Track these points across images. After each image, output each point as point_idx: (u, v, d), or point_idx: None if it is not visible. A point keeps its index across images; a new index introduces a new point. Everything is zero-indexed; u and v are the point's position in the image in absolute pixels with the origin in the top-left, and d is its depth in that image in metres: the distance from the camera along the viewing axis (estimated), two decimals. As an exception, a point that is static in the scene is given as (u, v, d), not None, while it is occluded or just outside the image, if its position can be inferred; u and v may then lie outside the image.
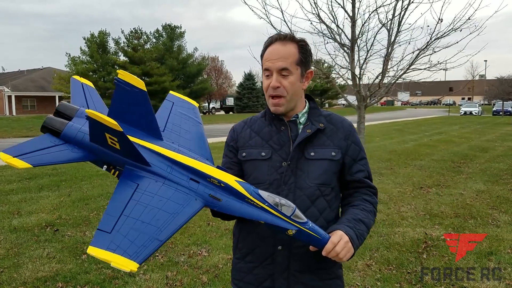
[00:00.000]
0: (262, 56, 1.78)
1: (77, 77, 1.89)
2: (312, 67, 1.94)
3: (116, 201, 1.46)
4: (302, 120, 1.81)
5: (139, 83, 1.60)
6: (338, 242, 1.54)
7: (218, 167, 1.65)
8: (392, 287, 4.13)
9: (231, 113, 59.79)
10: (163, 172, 1.58)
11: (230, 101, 62.51)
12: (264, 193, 1.57)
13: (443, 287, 4.13)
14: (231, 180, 1.58)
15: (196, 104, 2.13)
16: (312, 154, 1.74)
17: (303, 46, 1.74)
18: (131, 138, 1.54)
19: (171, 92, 2.12)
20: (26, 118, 36.57)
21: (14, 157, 1.46)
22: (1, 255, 4.92)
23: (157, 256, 4.89)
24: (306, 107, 1.84)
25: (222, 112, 61.04)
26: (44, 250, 5.08)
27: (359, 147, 1.83)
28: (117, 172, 1.59)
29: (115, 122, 1.40)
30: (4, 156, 1.46)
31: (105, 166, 1.60)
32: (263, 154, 1.77)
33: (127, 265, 1.30)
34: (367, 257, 4.84)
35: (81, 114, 1.66)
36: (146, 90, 1.63)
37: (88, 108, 1.66)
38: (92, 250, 1.32)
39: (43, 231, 5.80)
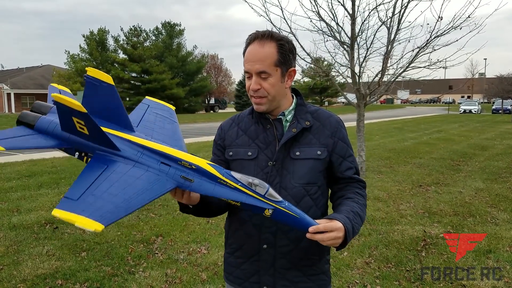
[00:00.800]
0: (243, 54, 1.75)
1: (54, 85, 1.94)
2: (312, 65, 1.93)
3: (83, 177, 1.47)
4: (288, 117, 1.79)
5: (107, 78, 1.66)
6: (331, 231, 1.50)
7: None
8: (391, 285, 4.14)
9: (212, 111, 59.76)
10: (133, 156, 1.59)
11: (211, 100, 62.82)
12: (236, 174, 1.55)
13: (441, 284, 4.14)
14: (202, 163, 1.57)
15: (173, 108, 2.14)
16: (298, 153, 1.72)
17: (282, 46, 1.68)
18: (103, 129, 1.56)
19: (146, 97, 2.14)
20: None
21: None
22: (0, 253, 4.92)
23: (157, 253, 4.90)
24: (293, 103, 1.82)
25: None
26: (43, 247, 5.09)
27: (346, 144, 1.80)
28: (88, 159, 1.61)
29: (78, 103, 1.43)
30: None
31: (77, 153, 1.63)
32: (249, 153, 1.77)
33: (92, 225, 1.30)
34: (366, 255, 4.85)
35: (54, 111, 1.70)
36: (114, 84, 1.68)
37: None
38: (57, 212, 1.34)
39: (42, 228, 5.81)
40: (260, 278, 1.76)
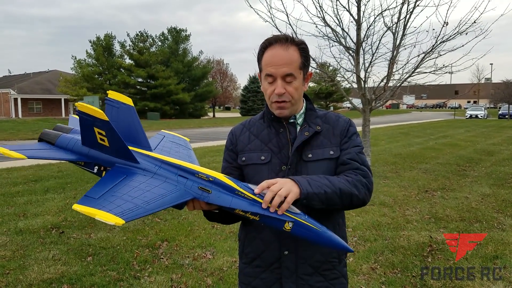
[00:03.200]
0: (259, 59, 1.73)
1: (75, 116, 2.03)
2: (318, 70, 1.94)
3: (103, 182, 1.51)
4: (299, 121, 1.79)
5: (128, 100, 1.78)
6: (275, 184, 1.49)
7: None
8: (397, 291, 4.12)
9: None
10: (151, 168, 1.63)
11: None
12: (253, 186, 1.54)
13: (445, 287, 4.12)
14: (220, 175, 1.58)
15: (187, 139, 2.23)
16: (310, 156, 1.71)
17: (304, 49, 1.70)
18: None
19: (162, 130, 2.26)
20: (32, 120, 36.78)
21: (11, 150, 1.60)
22: (7, 257, 4.95)
23: (162, 258, 4.91)
24: (303, 107, 1.82)
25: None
26: (49, 252, 5.11)
27: (352, 140, 1.76)
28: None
29: (101, 111, 1.49)
30: (1, 149, 1.60)
31: (96, 168, 1.66)
32: (262, 158, 1.75)
33: (112, 219, 1.32)
34: (371, 260, 4.83)
35: (74, 131, 1.80)
36: (133, 106, 1.79)
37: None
38: (77, 206, 1.37)
39: (48, 233, 5.83)
40: (282, 286, 1.72)
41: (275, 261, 1.72)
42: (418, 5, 8.28)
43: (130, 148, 1.65)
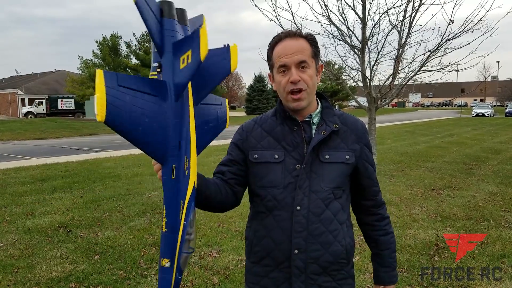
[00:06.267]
0: (270, 56, 1.72)
1: None
2: (323, 69, 1.93)
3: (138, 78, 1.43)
4: (315, 120, 1.75)
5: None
6: None
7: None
8: (403, 289, 4.11)
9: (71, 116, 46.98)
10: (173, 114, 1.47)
11: (68, 104, 48.44)
12: (191, 218, 1.48)
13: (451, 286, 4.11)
14: (192, 180, 1.49)
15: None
16: (327, 157, 1.69)
17: (313, 40, 1.71)
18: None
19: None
20: (39, 120, 37.00)
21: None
22: (15, 256, 5.00)
23: (169, 257, 4.93)
24: (319, 106, 1.78)
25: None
26: (57, 250, 5.15)
27: (370, 150, 1.83)
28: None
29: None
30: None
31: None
32: (276, 156, 1.71)
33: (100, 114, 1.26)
34: (378, 259, 4.82)
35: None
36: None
37: None
38: (99, 72, 1.29)
39: (56, 232, 5.88)
40: (291, 285, 1.70)
41: (285, 260, 1.70)
42: (423, 3, 8.25)
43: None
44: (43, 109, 46.54)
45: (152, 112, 1.41)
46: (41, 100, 47.05)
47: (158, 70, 1.49)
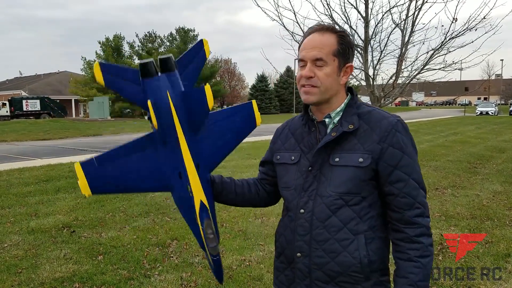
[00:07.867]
0: (299, 48, 1.66)
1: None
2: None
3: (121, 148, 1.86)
4: (336, 119, 1.64)
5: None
6: None
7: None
8: (407, 289, 4.09)
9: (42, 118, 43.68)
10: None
11: (33, 105, 45.37)
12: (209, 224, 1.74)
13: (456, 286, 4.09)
14: (198, 197, 1.70)
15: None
16: (337, 160, 1.57)
17: (342, 37, 1.61)
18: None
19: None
20: (43, 121, 37.13)
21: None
22: (19, 256, 5.01)
23: (172, 257, 4.93)
24: (343, 104, 1.66)
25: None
26: (61, 251, 5.16)
27: (401, 151, 1.58)
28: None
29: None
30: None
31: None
32: (292, 158, 1.70)
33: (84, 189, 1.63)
34: (381, 258, 4.80)
35: None
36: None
37: None
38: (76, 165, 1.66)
39: (60, 232, 5.90)
40: (296, 287, 1.69)
41: (292, 261, 1.69)
42: (426, 1, 8.21)
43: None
44: (6, 111, 43.56)
45: (143, 167, 1.69)
46: (4, 102, 44.61)
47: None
